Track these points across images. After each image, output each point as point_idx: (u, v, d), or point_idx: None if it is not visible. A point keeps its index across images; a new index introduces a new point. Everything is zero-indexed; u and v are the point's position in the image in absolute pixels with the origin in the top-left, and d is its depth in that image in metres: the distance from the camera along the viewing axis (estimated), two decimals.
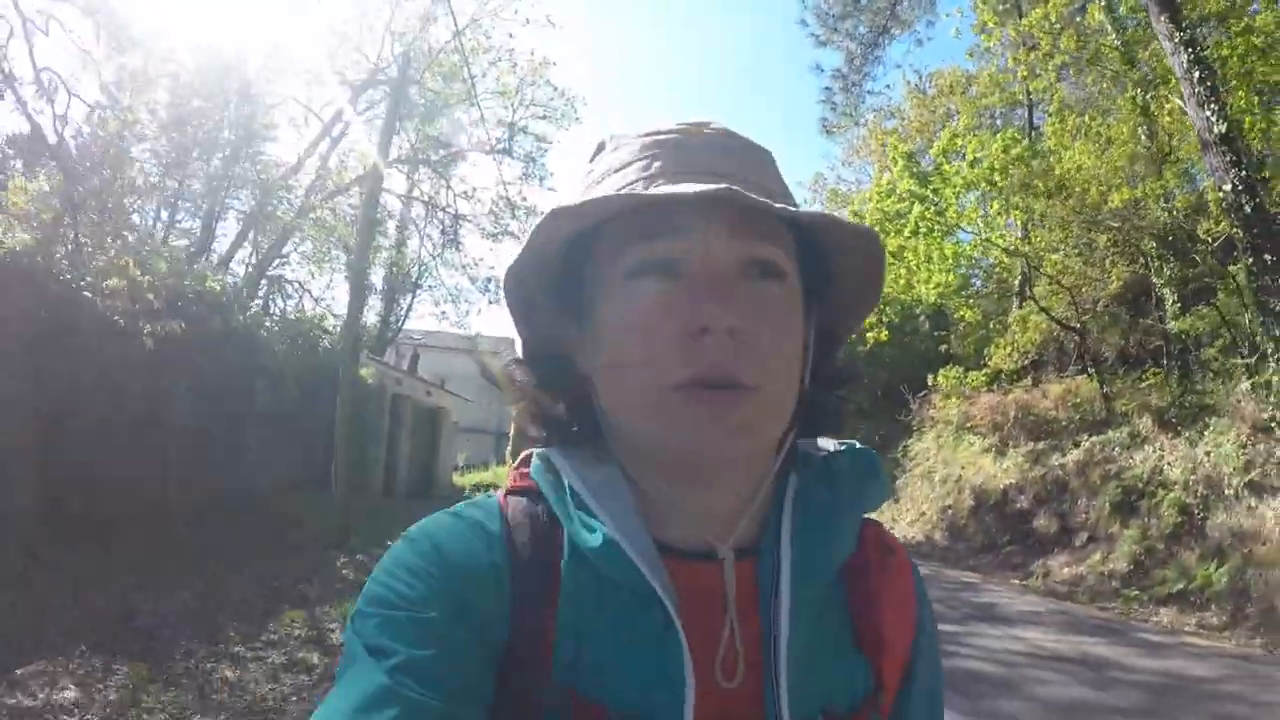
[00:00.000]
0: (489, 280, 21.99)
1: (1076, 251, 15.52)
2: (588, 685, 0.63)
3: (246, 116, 16.60)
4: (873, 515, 0.80)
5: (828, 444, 0.79)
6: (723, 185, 0.61)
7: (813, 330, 0.75)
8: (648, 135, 0.73)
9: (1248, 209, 9.81)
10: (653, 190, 0.66)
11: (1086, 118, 15.66)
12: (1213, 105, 10.15)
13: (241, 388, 10.19)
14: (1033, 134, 19.48)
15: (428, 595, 0.62)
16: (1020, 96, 19.91)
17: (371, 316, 24.11)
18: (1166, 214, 12.76)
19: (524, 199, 19.92)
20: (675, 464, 0.67)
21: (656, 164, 0.70)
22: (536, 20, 16.72)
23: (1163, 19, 11.21)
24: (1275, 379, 9.72)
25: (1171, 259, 13.29)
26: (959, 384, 17.31)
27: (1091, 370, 14.93)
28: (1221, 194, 10.38)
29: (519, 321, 0.76)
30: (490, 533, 0.68)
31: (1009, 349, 16.73)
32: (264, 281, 18.32)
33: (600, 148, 0.77)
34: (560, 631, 0.64)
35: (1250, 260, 10.00)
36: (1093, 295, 15.75)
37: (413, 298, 25.75)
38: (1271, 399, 9.79)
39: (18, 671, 4.46)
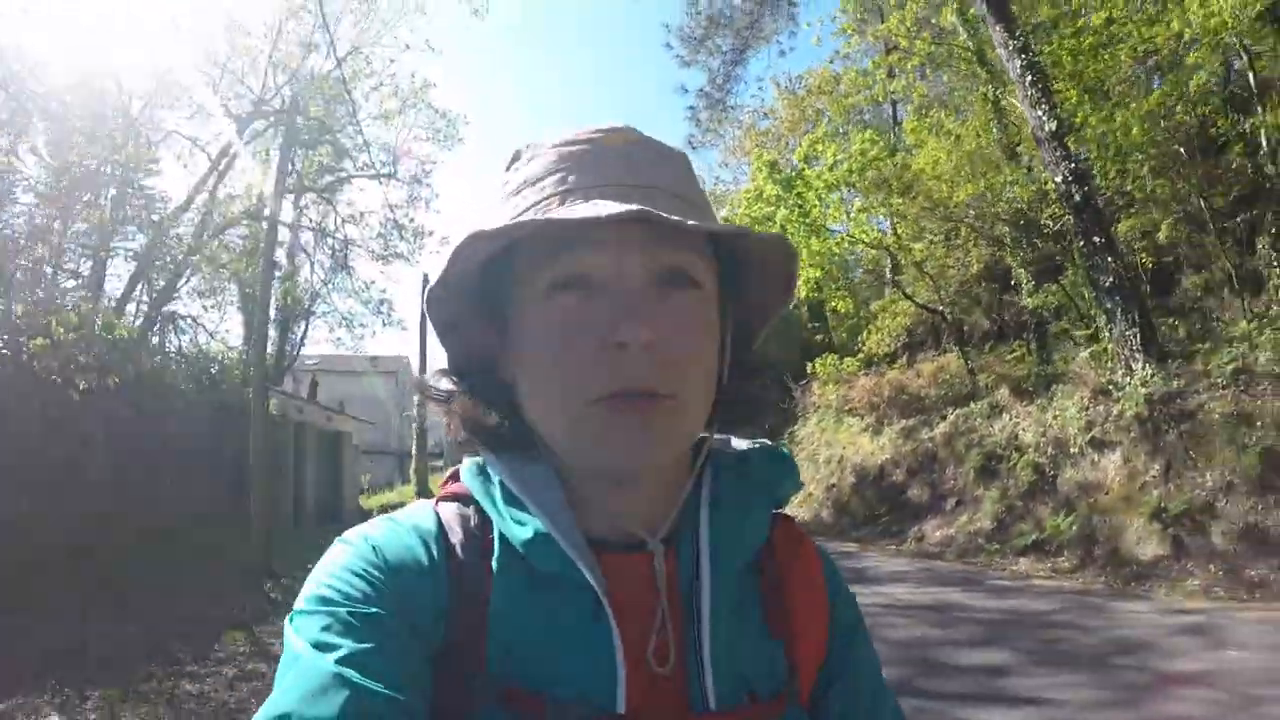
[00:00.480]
0: (381, 303, 21.99)
1: (939, 239, 16.60)
2: (523, 676, 0.64)
3: (131, 154, 16.36)
4: None
5: (741, 443, 0.82)
6: (635, 206, 0.62)
7: (730, 326, 0.76)
8: (562, 145, 0.74)
9: (1077, 198, 10.89)
10: (568, 208, 0.67)
11: (942, 115, 16.78)
12: (1044, 105, 11.20)
13: (154, 430, 10.27)
14: (896, 130, 20.62)
15: (368, 593, 0.63)
16: (882, 96, 20.95)
17: (267, 345, 23.86)
18: (1014, 202, 13.83)
19: (411, 220, 20.11)
20: (600, 472, 0.69)
21: (571, 177, 0.70)
22: (416, 45, 17.00)
23: (998, 28, 12.27)
24: (1109, 347, 10.80)
25: (1024, 242, 14.37)
26: (836, 370, 18.24)
27: (955, 349, 16.04)
28: (1054, 184, 11.46)
29: (443, 335, 0.78)
30: (425, 534, 0.70)
31: (880, 335, 17.79)
32: (158, 319, 18.13)
33: (516, 157, 0.77)
34: (493, 625, 0.65)
35: (1081, 243, 11.10)
36: (958, 278, 16.88)
37: (307, 324, 25.53)
38: (1107, 364, 10.87)
39: (0, 707, 4.68)
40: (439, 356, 0.85)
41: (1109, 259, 10.51)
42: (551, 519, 0.67)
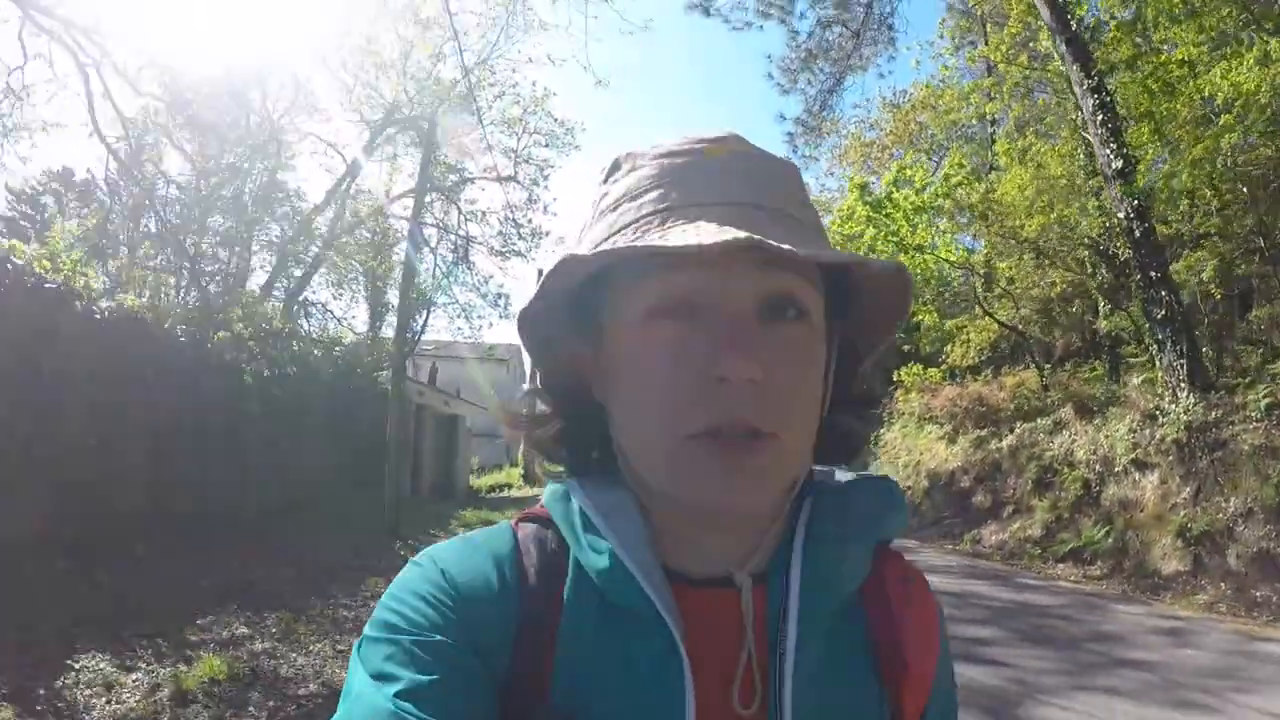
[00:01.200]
0: (499, 296, 23.72)
1: (1023, 260, 17.26)
2: (588, 709, 0.62)
3: (272, 154, 18.40)
4: None
5: (845, 474, 0.77)
6: (742, 235, 0.57)
7: (834, 353, 0.72)
8: (663, 156, 0.69)
9: (1137, 233, 11.61)
10: (668, 229, 0.63)
11: (1032, 139, 17.38)
12: (1113, 144, 11.88)
13: (298, 407, 11.99)
14: (992, 149, 21.08)
15: (434, 621, 0.62)
16: (978, 117, 21.38)
17: (388, 330, 26.12)
18: (1095, 227, 14.47)
19: (529, 220, 21.65)
20: (692, 512, 0.65)
21: (673, 193, 0.66)
22: (538, 59, 18.27)
23: (1075, 66, 12.95)
24: (1160, 374, 11.53)
25: (1102, 266, 15.02)
26: (920, 379, 19.04)
27: (1033, 365, 16.75)
28: (1118, 219, 12.18)
29: (534, 353, 0.75)
30: (500, 559, 0.68)
31: (964, 348, 18.54)
32: (296, 305, 20.34)
33: (615, 167, 0.73)
34: (561, 654, 0.63)
35: (1138, 276, 11.83)
36: (1041, 296, 17.51)
37: (428, 313, 27.59)
38: (1156, 390, 11.60)
39: (197, 621, 6.23)
40: None
41: (1163, 293, 11.19)
42: (629, 550, 0.65)
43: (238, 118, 17.34)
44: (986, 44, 18.25)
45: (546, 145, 21.85)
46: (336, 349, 16.48)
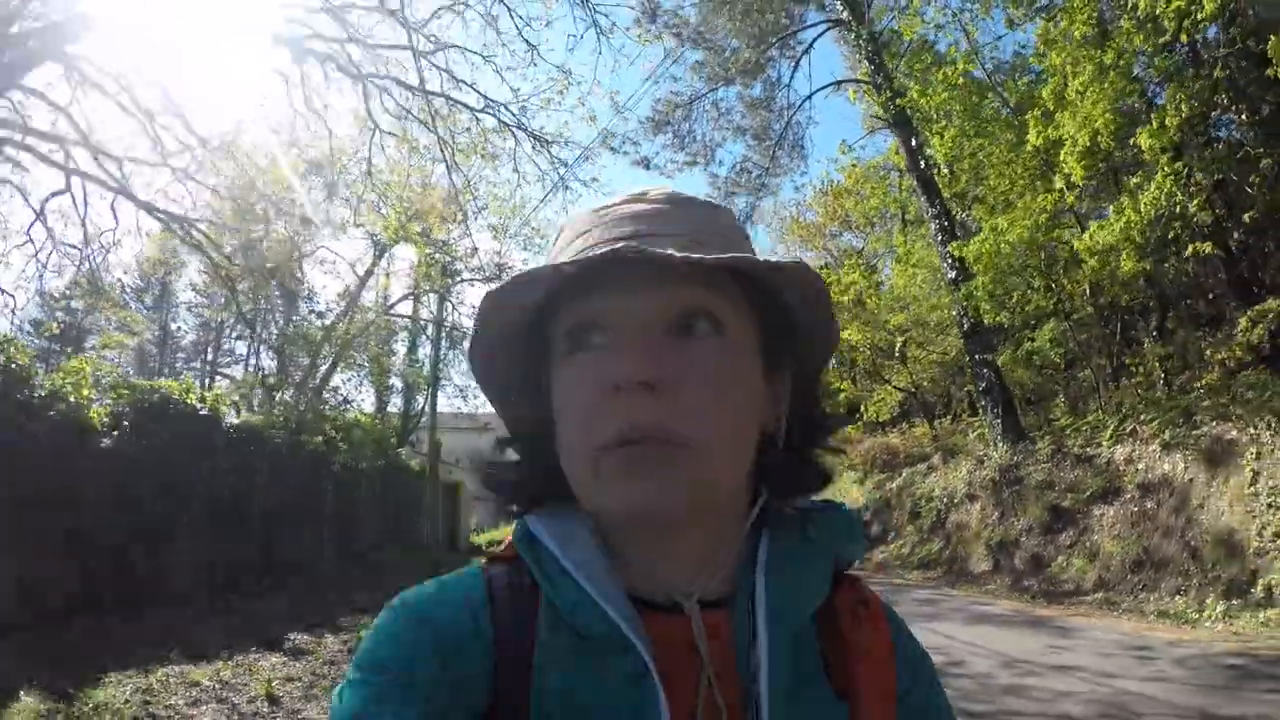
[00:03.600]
0: None
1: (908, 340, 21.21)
2: None
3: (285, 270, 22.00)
4: None
5: (804, 501, 0.75)
6: (622, 244, 0.61)
7: (787, 384, 0.74)
8: (597, 211, 0.72)
9: (965, 326, 15.56)
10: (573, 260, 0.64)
11: (905, 241, 21.39)
12: (949, 258, 15.54)
13: (353, 481, 15.57)
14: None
15: (412, 660, 0.63)
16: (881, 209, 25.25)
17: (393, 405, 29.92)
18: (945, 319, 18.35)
19: None
20: (622, 524, 0.67)
21: (595, 233, 0.69)
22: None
23: (923, 198, 16.96)
24: (986, 430, 15.41)
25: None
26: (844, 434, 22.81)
27: (927, 420, 20.66)
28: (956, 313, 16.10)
29: (495, 403, 0.78)
30: (473, 599, 0.68)
31: (876, 408, 22.36)
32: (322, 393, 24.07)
33: (560, 232, 0.75)
34: (538, 690, 0.64)
35: (968, 359, 15.77)
36: (935, 364, 21.41)
37: (427, 394, 31.35)
38: (985, 441, 15.48)
39: (341, 620, 9.72)
40: None
41: (985, 370, 15.13)
42: (594, 581, 0.65)
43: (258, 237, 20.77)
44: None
45: (526, 250, 25.78)
46: (373, 432, 20.09)
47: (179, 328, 32.55)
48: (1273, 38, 8.14)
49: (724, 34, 20.61)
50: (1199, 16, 8.55)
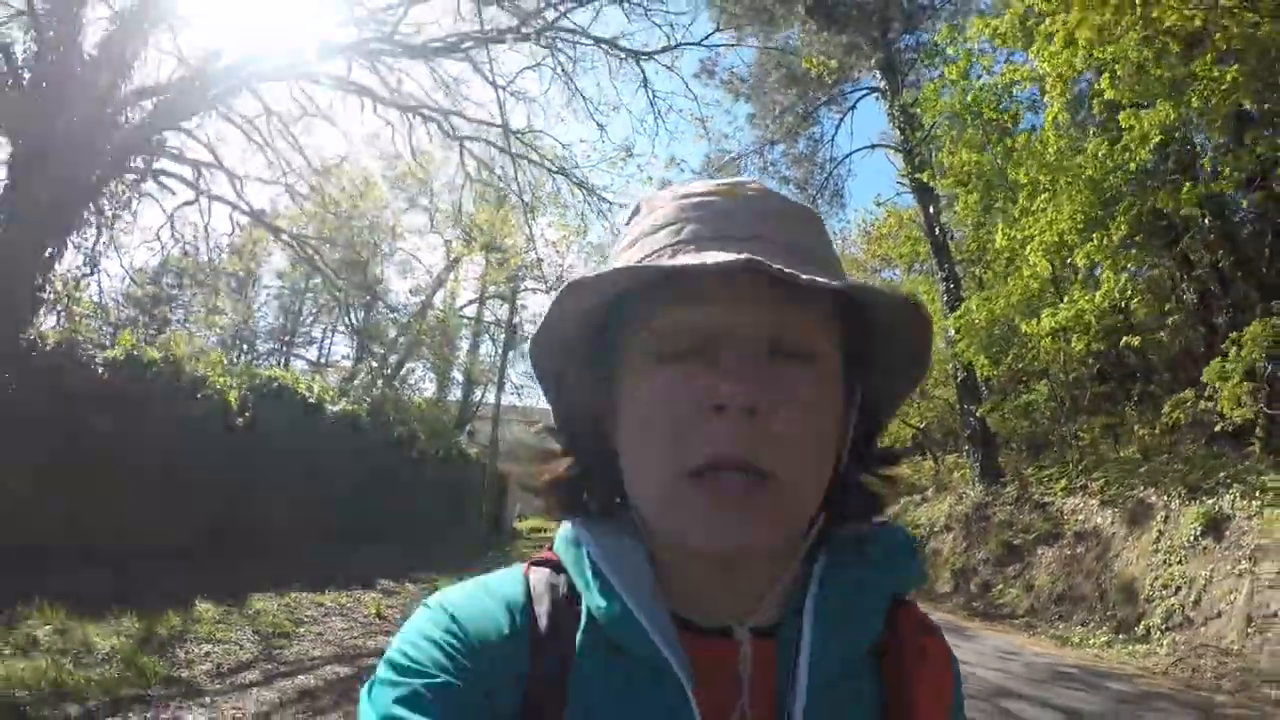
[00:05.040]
0: None
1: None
2: None
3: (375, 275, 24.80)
4: None
5: (863, 526, 0.72)
6: (745, 256, 0.57)
7: (855, 408, 0.70)
8: (683, 197, 0.69)
9: (958, 379, 17.50)
10: (676, 260, 0.62)
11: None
12: (950, 315, 17.39)
13: (421, 464, 18.00)
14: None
15: (443, 664, 0.61)
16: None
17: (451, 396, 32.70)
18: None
19: None
20: (691, 554, 0.63)
21: (688, 228, 0.65)
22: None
23: (934, 261, 18.89)
24: (968, 470, 17.34)
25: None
26: None
27: (930, 455, 22.56)
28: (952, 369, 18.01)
29: (548, 390, 0.74)
30: (511, 603, 0.67)
31: (890, 440, 24.19)
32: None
33: (636, 210, 0.73)
34: (572, 702, 0.62)
35: (958, 407, 17.68)
36: (939, 404, 23.26)
37: (485, 388, 34.03)
38: (966, 480, 17.39)
39: (416, 575, 12.10)
40: None
41: (971, 418, 17.06)
42: (639, 599, 0.63)
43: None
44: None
45: (585, 262, 28.00)
46: (436, 423, 22.59)
47: (261, 309, 35.28)
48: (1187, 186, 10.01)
49: (775, 89, 22.62)
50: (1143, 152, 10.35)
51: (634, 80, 12.26)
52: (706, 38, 15.67)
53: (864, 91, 23.51)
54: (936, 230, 18.66)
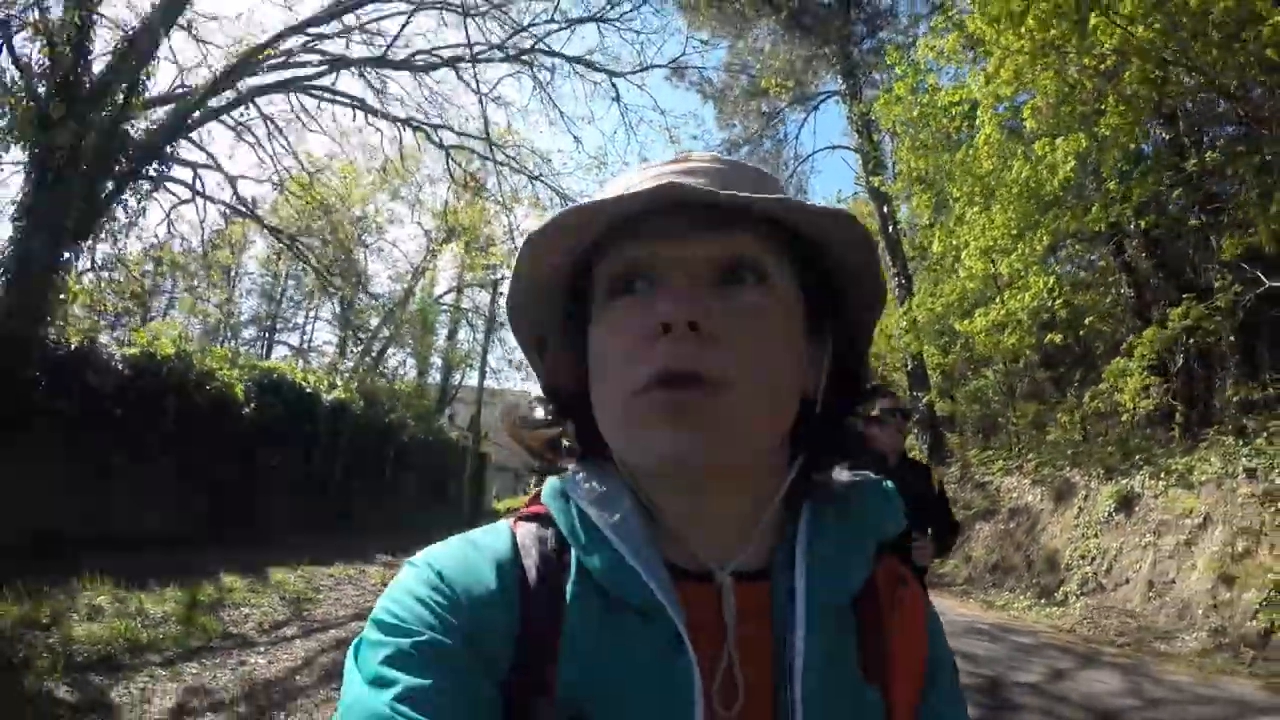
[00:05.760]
0: (521, 363, 31.48)
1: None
2: (594, 707, 0.60)
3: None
4: None
5: (843, 476, 0.74)
6: (664, 182, 0.59)
7: (828, 348, 0.72)
8: (643, 166, 0.71)
9: (909, 368, 18.63)
10: (608, 196, 0.63)
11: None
12: (904, 312, 18.55)
13: (406, 447, 18.86)
14: None
15: (431, 623, 0.60)
16: None
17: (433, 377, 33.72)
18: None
19: None
20: (657, 475, 0.65)
21: (635, 182, 0.67)
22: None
23: (888, 256, 19.94)
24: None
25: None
26: None
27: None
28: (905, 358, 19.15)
29: (531, 355, 0.76)
30: (499, 557, 0.66)
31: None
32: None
33: (602, 189, 0.72)
34: (565, 653, 0.61)
35: (910, 386, 18.83)
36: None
37: (463, 372, 35.01)
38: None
39: (412, 548, 13.03)
40: None
41: (919, 404, 18.17)
42: (629, 545, 0.63)
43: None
44: None
45: None
46: (420, 407, 23.56)
47: (244, 296, 35.77)
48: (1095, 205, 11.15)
49: (741, 97, 23.67)
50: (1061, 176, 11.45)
51: (608, 94, 13.21)
52: (675, 60, 16.50)
53: (825, 95, 24.52)
54: (890, 229, 19.71)
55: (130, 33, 10.73)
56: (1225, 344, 11.84)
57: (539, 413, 0.77)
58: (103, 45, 10.90)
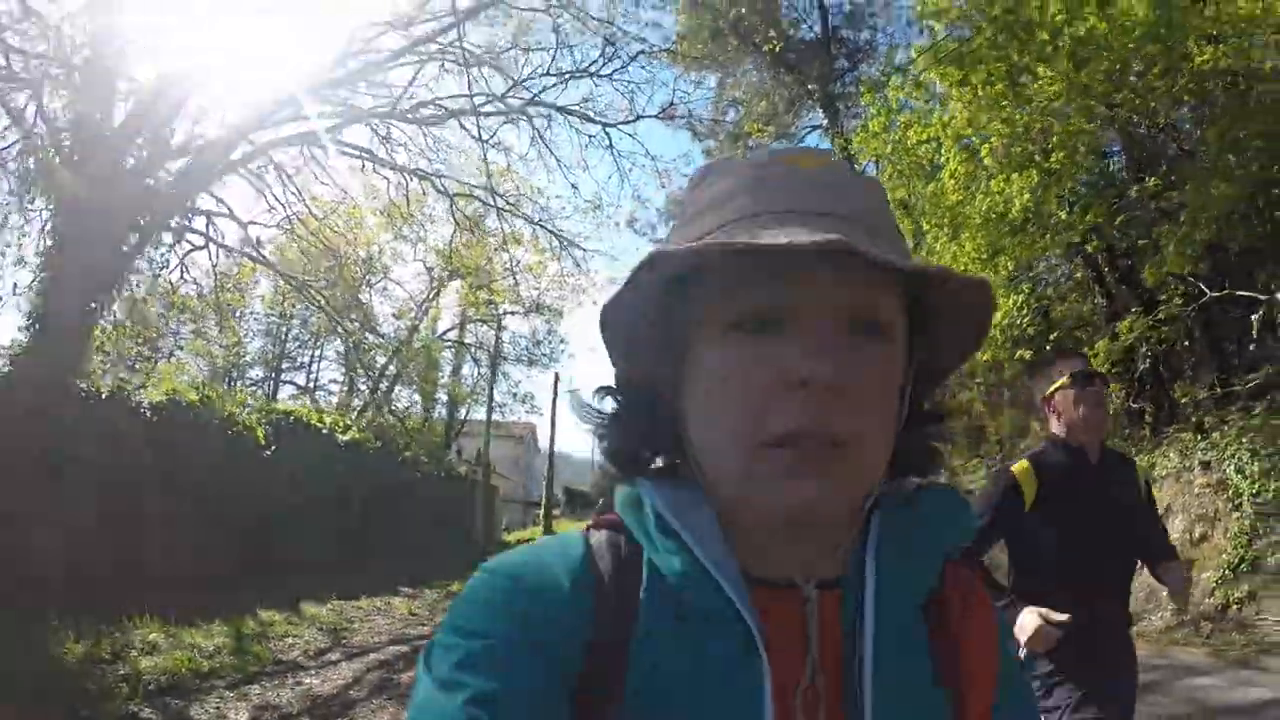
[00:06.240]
0: (526, 396, 32.22)
1: None
2: (664, 712, 0.60)
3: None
4: None
5: (912, 484, 0.74)
6: (835, 236, 0.57)
7: (913, 371, 0.71)
8: (753, 164, 0.69)
9: None
10: (760, 234, 0.60)
11: None
12: None
13: (419, 482, 19.41)
14: None
15: (503, 627, 0.60)
16: None
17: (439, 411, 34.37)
18: None
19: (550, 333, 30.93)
20: (765, 519, 0.64)
21: (764, 198, 0.65)
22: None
23: None
24: None
25: None
26: None
27: None
28: None
29: (615, 354, 0.74)
30: (573, 563, 0.66)
31: None
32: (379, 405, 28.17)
33: (705, 172, 0.73)
34: (636, 658, 0.61)
35: None
36: None
37: (468, 407, 35.57)
38: None
39: (433, 581, 13.52)
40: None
41: None
42: (706, 551, 0.64)
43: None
44: None
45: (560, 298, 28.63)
46: (428, 445, 24.08)
47: (249, 335, 36.24)
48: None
49: (726, 138, 24.32)
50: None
51: (602, 143, 14.02)
52: (665, 106, 17.22)
53: (809, 128, 25.24)
54: None
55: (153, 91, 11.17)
56: (1181, 349, 12.76)
57: (608, 404, 0.76)
58: (126, 93, 11.31)
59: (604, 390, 0.76)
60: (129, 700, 5.17)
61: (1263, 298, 10.26)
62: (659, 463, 0.73)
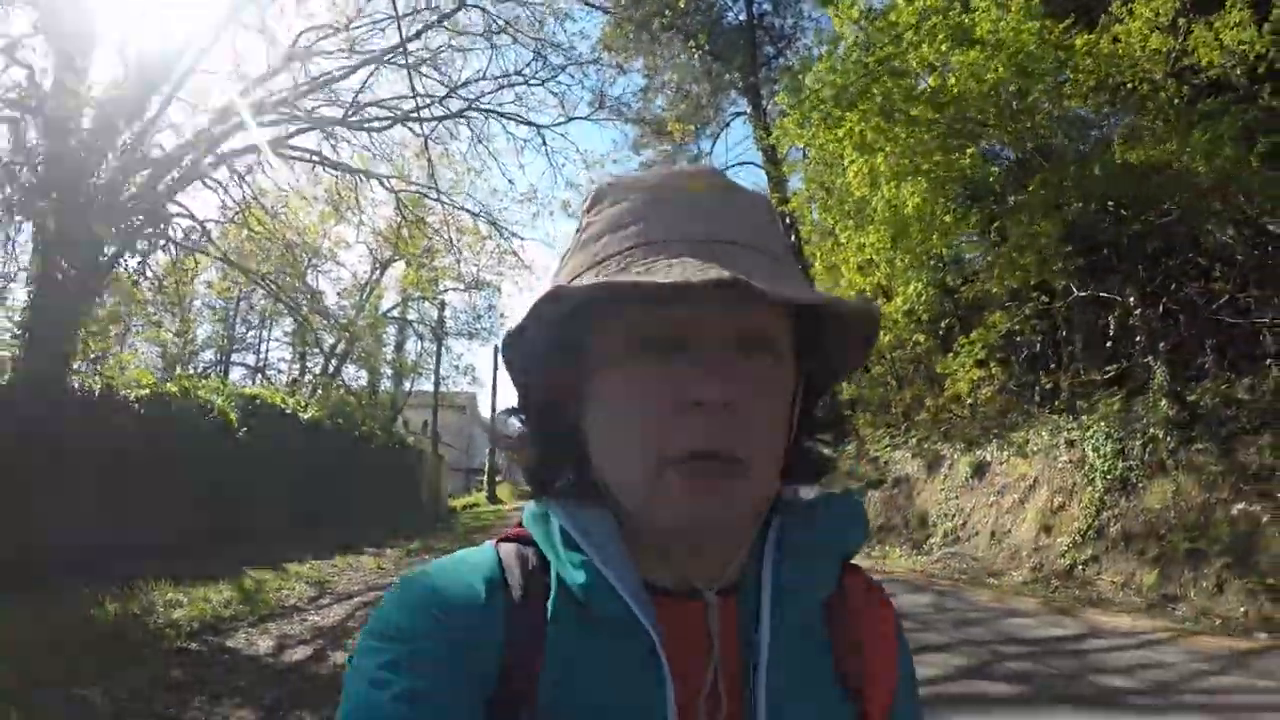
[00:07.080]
0: (468, 368, 33.82)
1: None
2: (572, 713, 0.63)
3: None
4: None
5: (809, 492, 0.77)
6: (727, 274, 0.59)
7: (801, 382, 0.73)
8: (643, 189, 0.71)
9: None
10: (652, 264, 0.64)
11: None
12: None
13: (372, 454, 20.94)
14: None
15: (426, 631, 0.63)
16: None
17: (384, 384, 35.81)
18: None
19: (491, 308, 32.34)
20: (670, 534, 0.67)
21: (655, 227, 0.68)
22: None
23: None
24: None
25: None
26: None
27: None
28: None
29: (516, 374, 0.76)
30: (485, 573, 0.69)
31: None
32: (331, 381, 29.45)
33: (598, 197, 0.74)
34: (545, 668, 0.64)
35: None
36: None
37: (413, 380, 37.00)
38: None
39: (391, 544, 15.04)
40: (509, 399, 0.85)
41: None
42: (609, 563, 0.66)
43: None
44: None
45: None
46: (380, 419, 25.52)
47: (196, 320, 36.77)
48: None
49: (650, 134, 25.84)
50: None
51: (537, 145, 15.47)
52: (593, 111, 18.77)
53: (735, 114, 26.96)
54: (791, 238, 22.12)
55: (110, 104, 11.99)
56: (1057, 339, 14.69)
57: (512, 424, 0.78)
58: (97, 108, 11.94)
59: (510, 411, 0.79)
60: (175, 640, 6.74)
61: (1119, 298, 12.04)
62: (570, 476, 0.74)
